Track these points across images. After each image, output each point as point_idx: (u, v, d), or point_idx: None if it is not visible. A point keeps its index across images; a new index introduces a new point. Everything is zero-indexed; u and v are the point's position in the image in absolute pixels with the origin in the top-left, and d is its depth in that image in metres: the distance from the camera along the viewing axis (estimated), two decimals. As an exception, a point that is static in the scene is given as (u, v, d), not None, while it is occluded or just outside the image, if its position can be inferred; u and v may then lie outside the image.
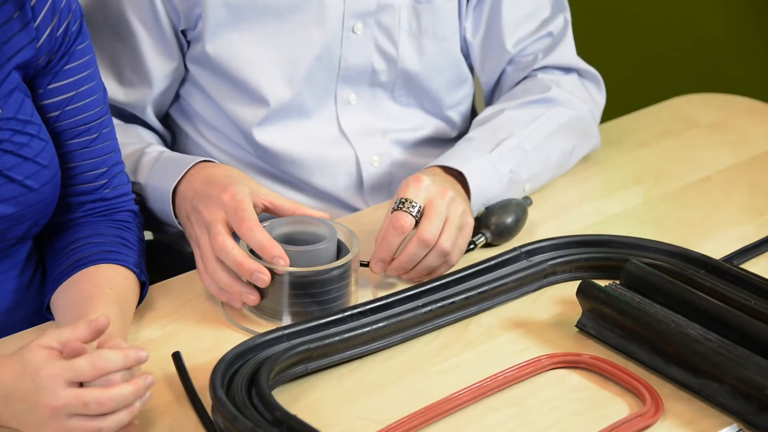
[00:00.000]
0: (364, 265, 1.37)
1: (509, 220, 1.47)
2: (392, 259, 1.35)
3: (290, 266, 1.27)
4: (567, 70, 1.67)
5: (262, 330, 1.24)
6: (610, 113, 1.94)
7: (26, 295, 1.35)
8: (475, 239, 1.44)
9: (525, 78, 1.66)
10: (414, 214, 1.34)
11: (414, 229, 1.35)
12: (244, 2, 1.49)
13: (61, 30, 1.28)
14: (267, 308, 1.29)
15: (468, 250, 1.43)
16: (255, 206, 1.33)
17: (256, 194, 1.34)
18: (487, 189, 1.48)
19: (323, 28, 1.53)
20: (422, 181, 1.36)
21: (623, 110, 1.92)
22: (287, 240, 1.32)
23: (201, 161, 1.43)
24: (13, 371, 1.06)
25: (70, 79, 1.30)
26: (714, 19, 2.84)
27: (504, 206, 1.48)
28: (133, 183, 1.45)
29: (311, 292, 1.28)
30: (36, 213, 1.28)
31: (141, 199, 1.46)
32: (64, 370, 1.04)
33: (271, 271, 1.27)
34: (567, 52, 1.66)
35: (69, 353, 1.05)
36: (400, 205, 1.34)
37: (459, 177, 1.46)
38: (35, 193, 1.26)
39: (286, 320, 1.29)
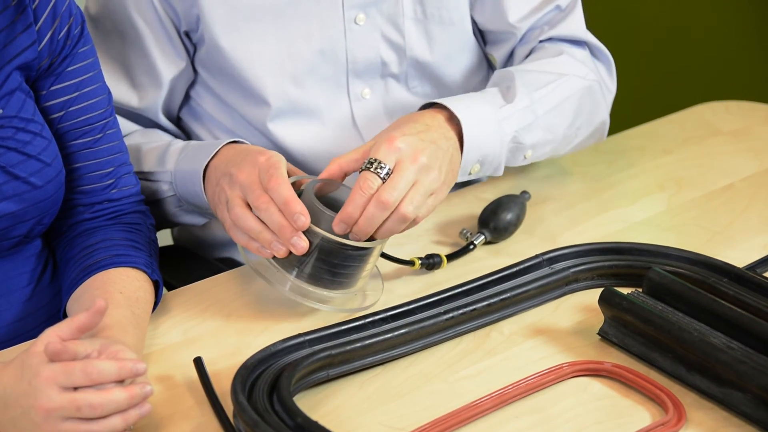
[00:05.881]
0: (387, 257, 1.38)
1: (508, 217, 1.47)
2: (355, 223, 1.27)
3: (326, 232, 1.26)
4: (576, 42, 1.60)
5: (272, 277, 1.25)
6: (633, 120, 1.94)
7: (36, 290, 1.36)
8: (474, 239, 1.45)
9: (533, 49, 1.61)
10: (382, 176, 1.26)
11: None
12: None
13: (62, 33, 1.30)
14: (283, 260, 1.28)
15: (468, 251, 1.44)
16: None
17: (288, 168, 1.32)
18: (485, 144, 1.40)
19: (323, 21, 1.50)
20: (395, 142, 1.28)
21: (646, 117, 1.92)
22: (327, 202, 1.29)
23: (231, 141, 1.42)
24: (12, 376, 1.07)
25: (73, 81, 1.33)
26: (738, 26, 2.83)
27: (500, 203, 1.48)
28: (160, 172, 1.46)
29: (333, 261, 1.27)
30: (40, 211, 1.29)
31: (165, 189, 1.46)
32: (58, 374, 1.05)
33: (306, 231, 1.26)
34: (575, 24, 1.60)
35: (52, 355, 1.05)
36: (369, 166, 1.27)
37: (458, 126, 1.38)
38: (39, 190, 1.28)
39: (296, 275, 1.28)
